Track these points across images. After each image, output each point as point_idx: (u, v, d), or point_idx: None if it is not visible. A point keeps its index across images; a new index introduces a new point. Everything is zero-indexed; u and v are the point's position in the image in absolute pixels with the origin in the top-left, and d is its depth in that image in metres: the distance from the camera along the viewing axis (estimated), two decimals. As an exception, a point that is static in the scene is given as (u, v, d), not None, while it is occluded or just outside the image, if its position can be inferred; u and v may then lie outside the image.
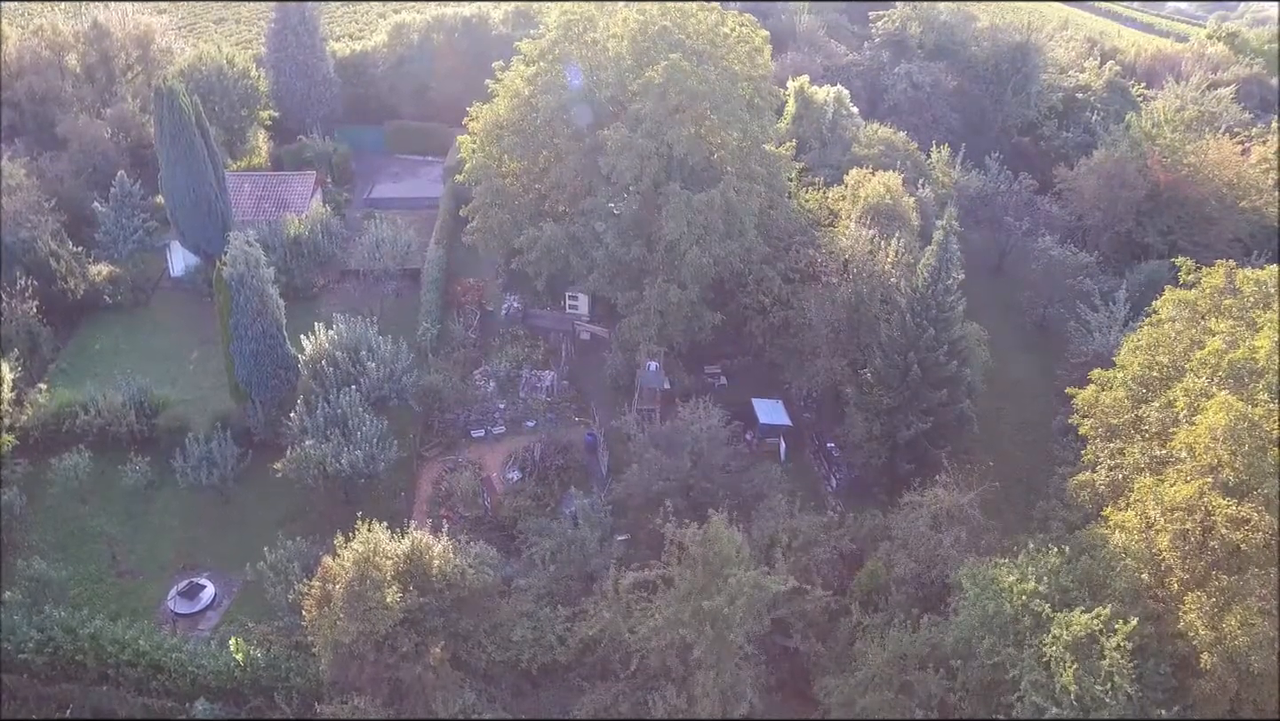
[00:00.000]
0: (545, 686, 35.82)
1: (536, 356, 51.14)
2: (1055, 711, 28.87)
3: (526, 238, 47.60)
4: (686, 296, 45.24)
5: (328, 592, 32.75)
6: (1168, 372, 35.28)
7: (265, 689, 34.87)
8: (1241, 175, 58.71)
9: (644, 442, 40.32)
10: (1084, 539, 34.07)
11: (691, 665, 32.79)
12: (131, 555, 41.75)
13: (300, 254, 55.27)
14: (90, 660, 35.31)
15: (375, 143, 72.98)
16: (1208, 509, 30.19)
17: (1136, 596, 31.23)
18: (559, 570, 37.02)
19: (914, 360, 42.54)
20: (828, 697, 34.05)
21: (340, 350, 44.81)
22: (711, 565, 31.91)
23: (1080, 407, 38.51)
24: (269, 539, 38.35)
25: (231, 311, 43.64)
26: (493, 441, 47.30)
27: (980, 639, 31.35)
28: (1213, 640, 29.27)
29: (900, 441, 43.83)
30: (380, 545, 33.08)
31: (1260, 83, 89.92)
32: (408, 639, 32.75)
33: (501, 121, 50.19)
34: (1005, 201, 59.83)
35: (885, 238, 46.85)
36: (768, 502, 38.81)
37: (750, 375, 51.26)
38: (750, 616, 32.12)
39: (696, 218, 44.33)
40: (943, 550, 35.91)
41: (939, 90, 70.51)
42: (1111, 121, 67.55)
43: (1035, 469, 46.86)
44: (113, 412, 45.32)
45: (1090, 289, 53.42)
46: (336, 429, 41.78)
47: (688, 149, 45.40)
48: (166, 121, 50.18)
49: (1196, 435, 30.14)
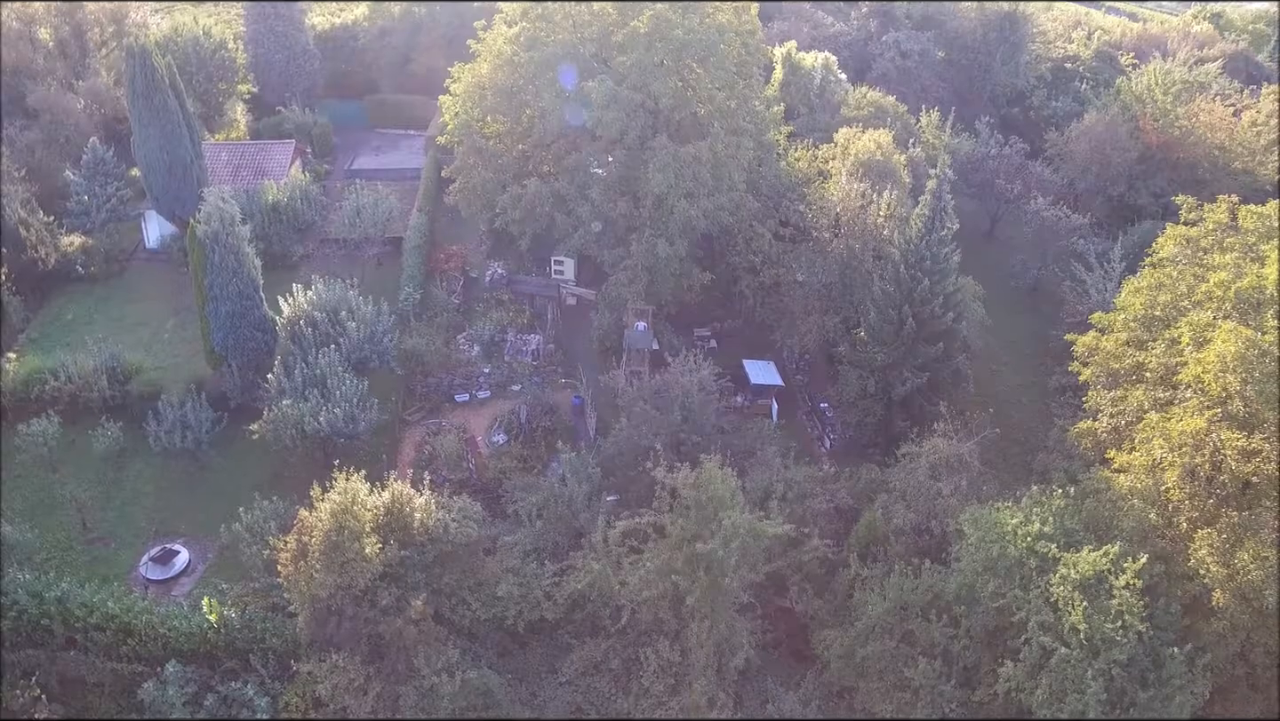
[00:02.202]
0: (533, 645, 34.56)
1: (522, 321, 49.90)
2: (1064, 651, 27.79)
3: (509, 196, 46.40)
4: (675, 252, 44.10)
5: (304, 545, 31.39)
6: (1169, 313, 34.37)
7: (240, 650, 33.45)
8: (1234, 137, 58.09)
9: (633, 397, 39.08)
10: (1088, 484, 33.06)
11: (685, 616, 31.60)
12: (103, 522, 40.31)
13: (279, 220, 53.82)
14: (57, 625, 33.71)
15: (357, 117, 71.50)
16: (1217, 444, 29.23)
17: (1144, 537, 30.26)
18: (546, 526, 35.74)
19: (908, 313, 41.50)
20: (827, 650, 32.93)
21: (319, 311, 43.40)
22: (705, 510, 30.68)
23: (1080, 354, 37.59)
24: (246, 504, 36.93)
25: (206, 271, 42.21)
26: (477, 406, 46.00)
27: (984, 583, 30.30)
28: (1225, 576, 28.34)
29: (895, 398, 42.79)
30: (359, 496, 31.72)
31: (1246, 59, 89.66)
32: (388, 593, 31.43)
33: (484, 81, 49.04)
34: (996, 166, 58.94)
35: (877, 192, 45.82)
36: (761, 455, 37.66)
37: (740, 338, 50.15)
38: (745, 564, 30.92)
39: (684, 170, 43.23)
40: (942, 500, 34.86)
41: (927, 60, 69.67)
42: (1101, 88, 66.85)
43: (1033, 428, 45.97)
44: (84, 378, 43.81)
45: (1085, 249, 52.60)
46: (315, 389, 40.40)
47: (674, 102, 44.34)
48: (139, 82, 48.68)
49: (1205, 364, 29.16)
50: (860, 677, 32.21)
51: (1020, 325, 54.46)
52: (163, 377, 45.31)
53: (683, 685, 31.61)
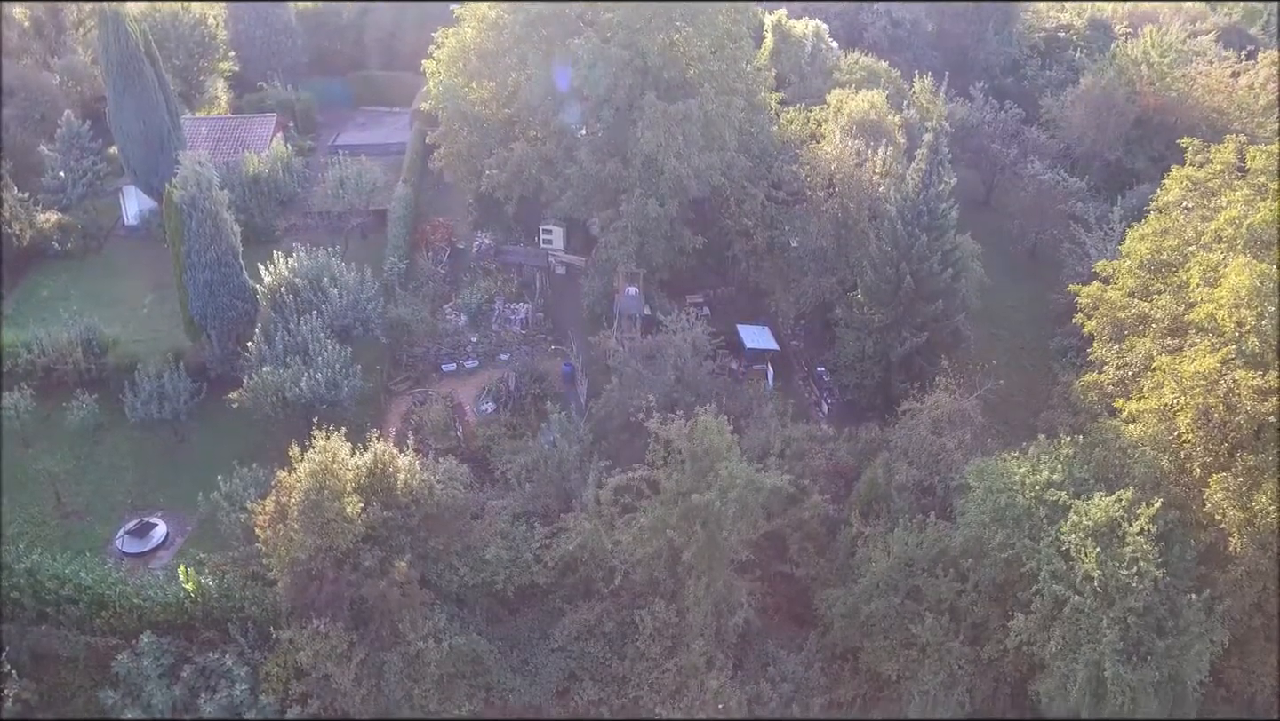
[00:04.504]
0: (523, 611, 33.25)
1: (509, 290, 48.65)
2: (1077, 600, 26.65)
3: (496, 158, 45.17)
4: (665, 212, 42.89)
5: (282, 507, 30.12)
6: (1176, 257, 33.28)
7: (218, 620, 32.08)
8: (1231, 99, 57.14)
9: (624, 357, 37.84)
10: (1095, 434, 31.95)
11: (681, 575, 30.39)
12: (78, 496, 38.90)
13: (260, 192, 52.52)
14: (27, 598, 32.32)
15: (341, 95, 70.36)
16: (1230, 384, 28.14)
17: (1157, 484, 29.14)
18: (536, 489, 34.44)
19: (906, 271, 40.35)
20: (830, 609, 31.72)
21: (301, 278, 42.16)
22: (701, 462, 29.45)
23: (1084, 306, 36.46)
24: (226, 476, 35.59)
25: (183, 237, 40.89)
26: (465, 375, 44.74)
27: (992, 535, 29.15)
28: (1242, 520, 27.22)
29: (894, 359, 41.64)
30: (339, 455, 30.45)
31: (1239, 32, 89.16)
32: (371, 555, 30.15)
33: (468, 46, 47.86)
34: (992, 130, 57.87)
35: (871, 149, 44.68)
36: (757, 415, 36.47)
37: (734, 306, 48.90)
38: (744, 518, 29.68)
39: (674, 129, 42.04)
40: (946, 455, 33.72)
41: (919, 29, 68.62)
42: (1097, 54, 65.90)
43: (1035, 391, 44.89)
44: (57, 351, 42.40)
45: (1084, 211, 51.58)
46: (297, 356, 39.11)
47: (663, 61, 43.16)
48: (113, 49, 47.30)
49: (1219, 300, 28.04)
50: (865, 637, 31.04)
51: (1019, 291, 53.41)
52: (140, 350, 43.75)
53: (680, 647, 30.42)
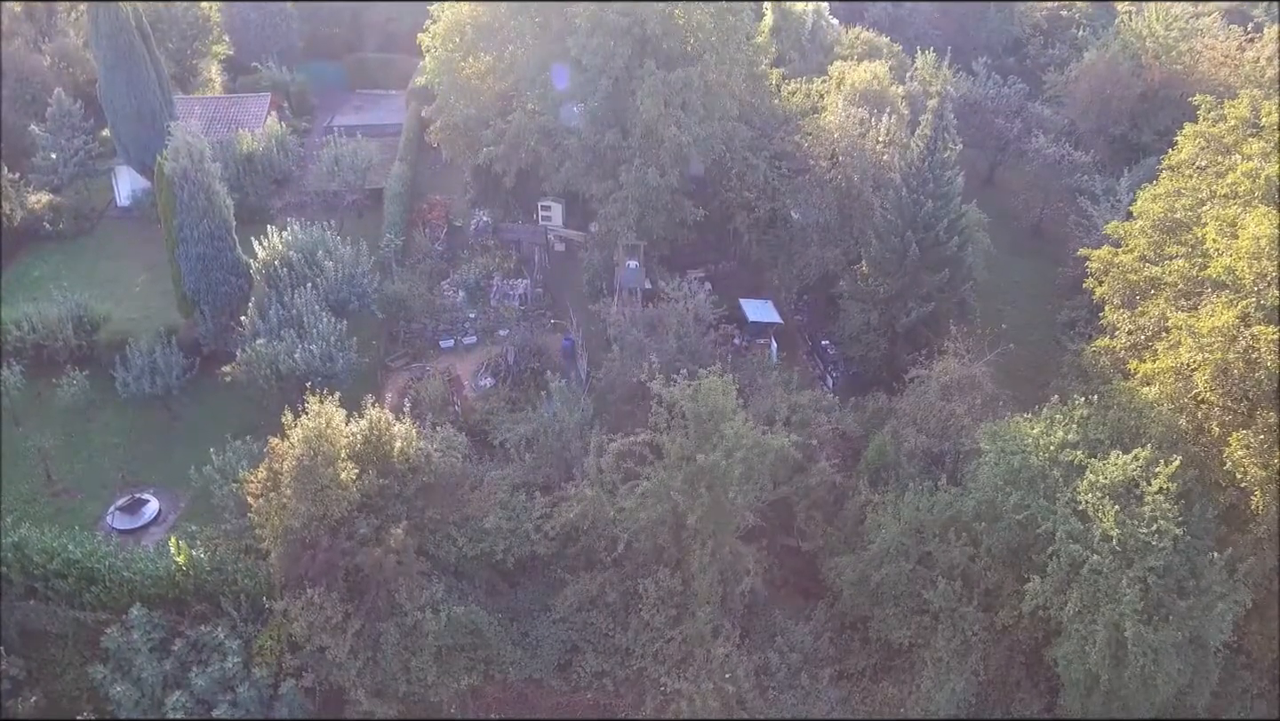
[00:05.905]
0: (524, 583, 32.43)
1: (508, 266, 47.83)
2: (1095, 560, 25.84)
3: (493, 130, 44.35)
4: (666, 182, 42.07)
5: (275, 475, 29.29)
6: (1190, 216, 32.48)
7: (210, 594, 31.28)
8: (1237, 72, 56.34)
9: (625, 326, 37.03)
10: (1109, 396, 31.15)
11: (686, 542, 29.56)
12: (69, 474, 38.16)
13: (254, 171, 51.66)
14: (15, 573, 31.58)
15: (337, 78, 69.46)
16: (1249, 340, 27.32)
17: (1175, 443, 28.36)
18: (536, 459, 33.62)
19: (911, 239, 39.55)
20: (839, 577, 30.91)
21: (295, 251, 41.32)
22: (705, 424, 28.63)
23: (1095, 270, 35.68)
24: (219, 450, 34.92)
25: (175, 211, 40.03)
26: (463, 351, 43.93)
27: (1005, 497, 28.34)
28: (1264, 478, 26.39)
29: (900, 330, 40.85)
30: (334, 420, 29.61)
31: (1243, 14, 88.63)
32: (366, 523, 29.34)
33: (464, 18, 47.04)
34: (995, 106, 57.08)
35: (875, 119, 43.87)
36: (762, 383, 35.65)
37: (736, 281, 48.11)
38: (750, 481, 28.86)
39: (674, 97, 41.25)
40: (955, 420, 32.93)
41: (920, 8, 67.81)
42: (1100, 29, 65.06)
43: (1042, 364, 44.12)
44: (48, 328, 41.64)
45: (1091, 184, 50.81)
46: (291, 329, 38.31)
47: (662, 29, 42.31)
48: (103, 23, 46.45)
49: (1238, 252, 27.25)
50: (875, 605, 30.28)
51: (1024, 266, 52.69)
52: (133, 327, 43.01)
53: (685, 615, 29.60)
